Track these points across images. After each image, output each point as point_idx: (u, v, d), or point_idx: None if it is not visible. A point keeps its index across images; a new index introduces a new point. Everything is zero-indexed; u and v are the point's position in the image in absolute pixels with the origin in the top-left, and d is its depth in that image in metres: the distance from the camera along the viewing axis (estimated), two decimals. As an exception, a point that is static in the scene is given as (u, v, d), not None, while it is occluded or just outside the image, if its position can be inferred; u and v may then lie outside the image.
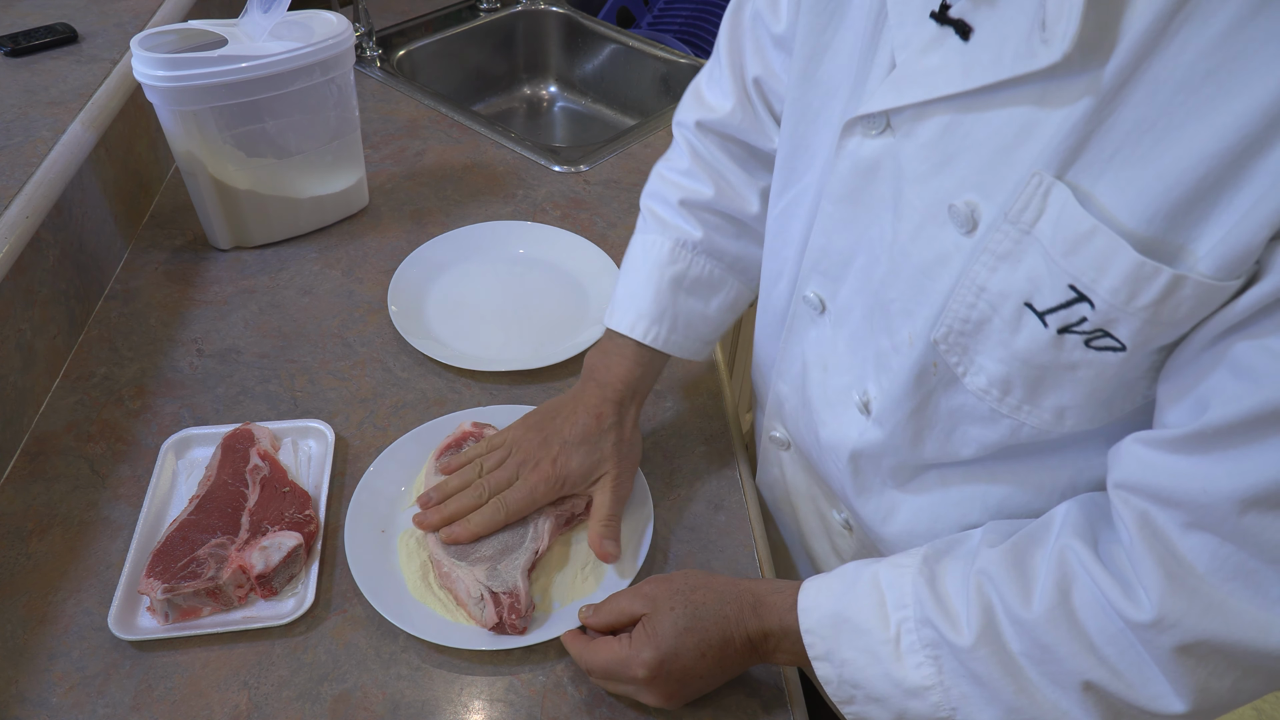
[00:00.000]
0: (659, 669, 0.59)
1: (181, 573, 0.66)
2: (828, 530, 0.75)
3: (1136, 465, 0.48)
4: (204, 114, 0.90)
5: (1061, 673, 0.50)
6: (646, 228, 0.78)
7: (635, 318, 0.74)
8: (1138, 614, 0.47)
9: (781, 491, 0.79)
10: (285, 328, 0.92)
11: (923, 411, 0.58)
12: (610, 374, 0.74)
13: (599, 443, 0.72)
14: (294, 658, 0.66)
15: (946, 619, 0.53)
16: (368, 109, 1.28)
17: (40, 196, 0.82)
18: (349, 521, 0.72)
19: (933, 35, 0.49)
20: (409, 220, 1.08)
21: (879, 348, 0.59)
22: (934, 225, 0.52)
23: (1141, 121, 0.41)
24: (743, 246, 0.77)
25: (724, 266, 0.77)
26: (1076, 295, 0.46)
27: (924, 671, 0.54)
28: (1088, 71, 0.42)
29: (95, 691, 0.63)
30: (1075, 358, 0.48)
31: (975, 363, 0.52)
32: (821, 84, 0.61)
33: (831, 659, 0.57)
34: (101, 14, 1.09)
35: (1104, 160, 0.43)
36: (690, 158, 0.76)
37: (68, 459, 0.78)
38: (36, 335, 0.82)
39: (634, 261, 0.77)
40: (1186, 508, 0.45)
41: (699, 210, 0.75)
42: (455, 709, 0.64)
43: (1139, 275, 0.43)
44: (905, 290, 0.55)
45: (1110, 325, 0.45)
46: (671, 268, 0.75)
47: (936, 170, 0.51)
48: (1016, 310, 0.49)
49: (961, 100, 0.48)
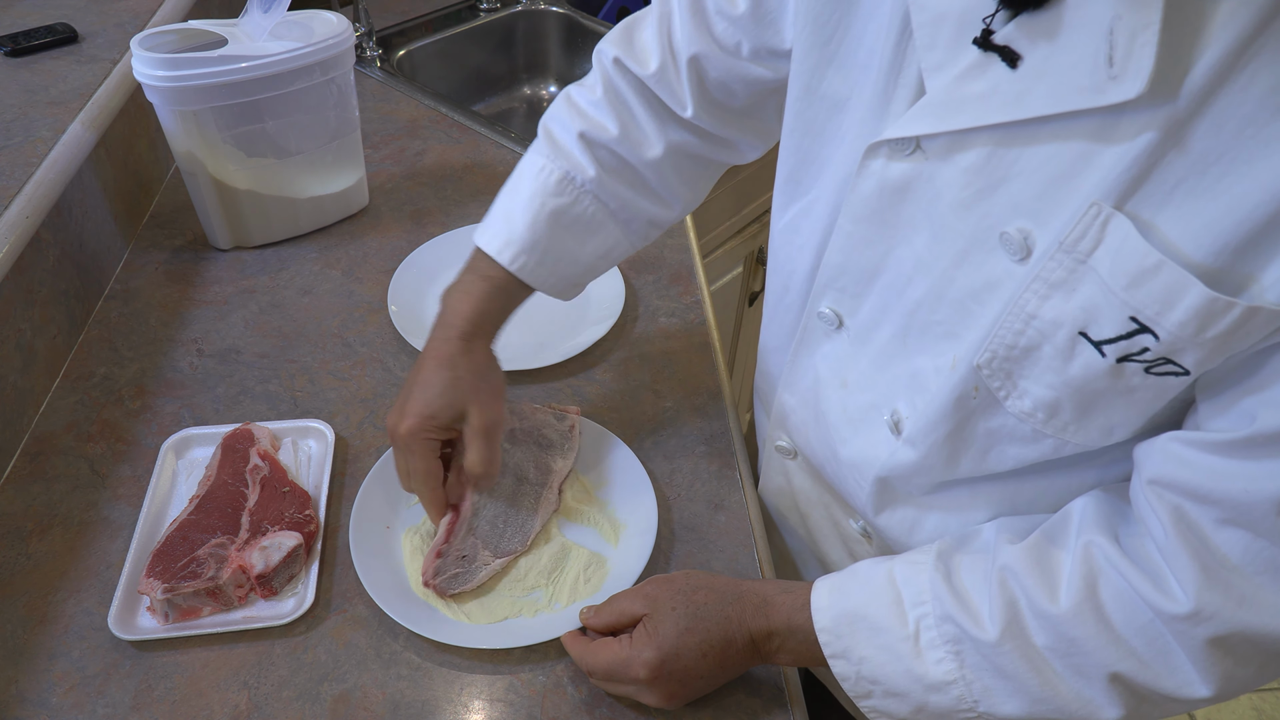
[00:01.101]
0: (660, 669, 0.59)
1: (181, 573, 0.66)
2: (843, 538, 0.75)
3: (1175, 463, 0.48)
4: (204, 114, 0.90)
5: (1089, 665, 0.51)
6: (539, 149, 0.73)
7: (504, 243, 0.71)
8: (1173, 606, 0.48)
9: (788, 499, 0.79)
10: (285, 328, 0.92)
11: (960, 433, 0.57)
12: (457, 312, 0.71)
13: (453, 375, 0.69)
14: (294, 658, 0.66)
15: (968, 614, 0.54)
16: (368, 109, 1.28)
17: (40, 196, 0.82)
18: (354, 516, 0.72)
19: (974, 61, 0.48)
20: (409, 220, 1.08)
21: (916, 368, 0.59)
22: (981, 251, 0.51)
23: (1208, 154, 0.41)
24: (634, 194, 0.74)
25: (608, 211, 0.73)
26: (1139, 327, 0.45)
27: (945, 667, 0.54)
28: (1157, 104, 0.41)
29: (95, 691, 0.63)
30: (1134, 383, 0.48)
31: (1019, 387, 0.52)
32: (827, 98, 0.60)
33: (849, 656, 0.58)
34: (101, 14, 1.09)
35: (1166, 192, 0.43)
36: (603, 90, 0.72)
37: (68, 459, 0.78)
38: (36, 335, 0.82)
39: (518, 182, 0.73)
40: (1223, 505, 0.46)
41: (597, 147, 0.72)
42: (455, 709, 0.64)
43: (1210, 310, 0.42)
44: (950, 314, 0.54)
45: (1175, 355, 0.45)
46: (555, 199, 0.71)
47: (981, 196, 0.50)
48: (1070, 339, 0.48)
49: (1008, 129, 0.47)
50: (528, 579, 0.71)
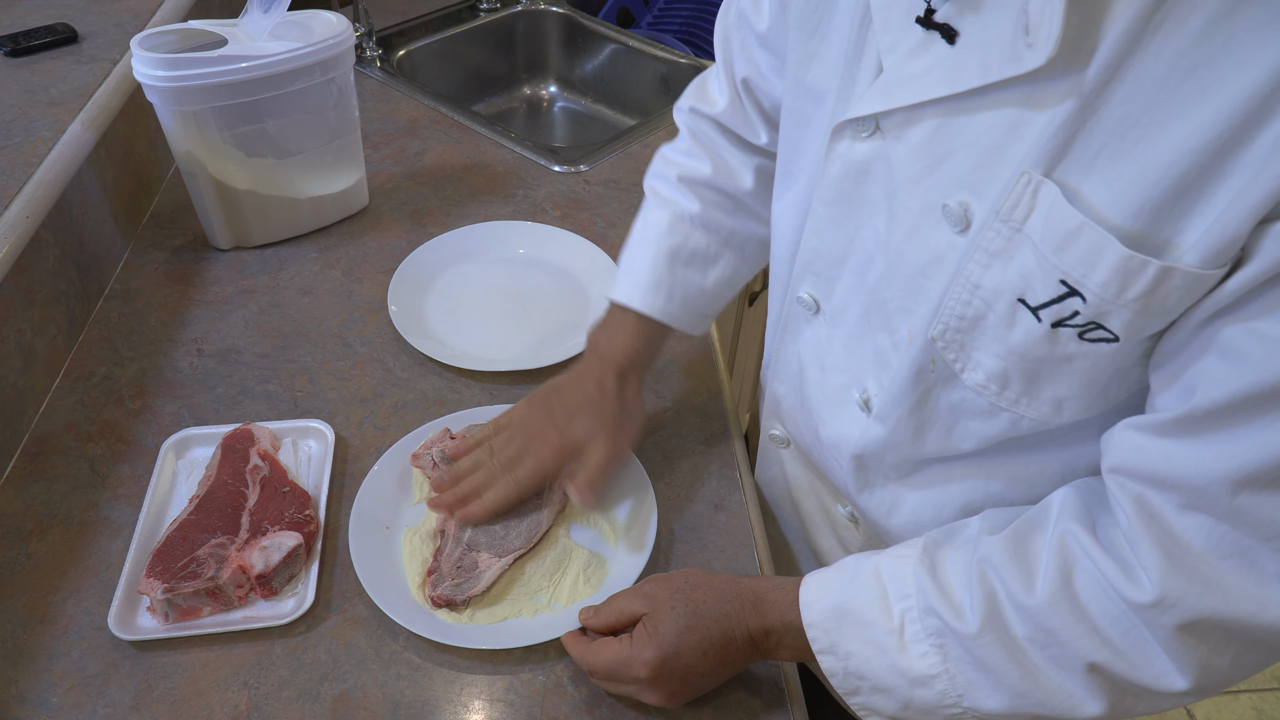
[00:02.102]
0: (661, 668, 0.59)
1: (181, 573, 0.66)
2: (833, 525, 0.75)
3: (1130, 450, 0.49)
4: (204, 114, 0.90)
5: (1066, 656, 0.51)
6: (647, 205, 0.80)
7: (632, 287, 0.76)
8: (1139, 595, 0.48)
9: (783, 488, 0.80)
10: (285, 328, 0.92)
11: (923, 407, 0.58)
12: (611, 346, 0.75)
13: (601, 408, 0.72)
14: (294, 658, 0.66)
15: (950, 607, 0.54)
16: (368, 109, 1.28)
17: (40, 196, 0.82)
18: (353, 517, 0.72)
19: (919, 40, 0.50)
20: (409, 220, 1.08)
21: (878, 346, 0.60)
22: (928, 225, 0.52)
23: (1125, 119, 0.42)
24: (739, 221, 0.78)
25: (720, 240, 0.78)
26: (1068, 290, 0.46)
27: (929, 660, 0.55)
28: (1071, 73, 0.43)
29: (95, 691, 0.63)
30: (1070, 350, 0.49)
31: (972, 359, 0.53)
32: (811, 89, 0.62)
33: (836, 652, 0.58)
34: (101, 14, 1.09)
35: (1090, 158, 0.44)
36: (690, 139, 0.79)
37: (68, 459, 0.78)
38: (36, 335, 0.82)
39: (635, 237, 0.79)
40: (1181, 490, 0.46)
41: (696, 186, 0.77)
42: (455, 709, 0.64)
43: (1128, 269, 0.44)
44: (903, 289, 0.56)
45: (1102, 318, 0.46)
46: (669, 239, 0.76)
47: (928, 171, 0.51)
48: (1010, 306, 0.49)
49: (950, 103, 0.49)
50: (532, 582, 0.71)
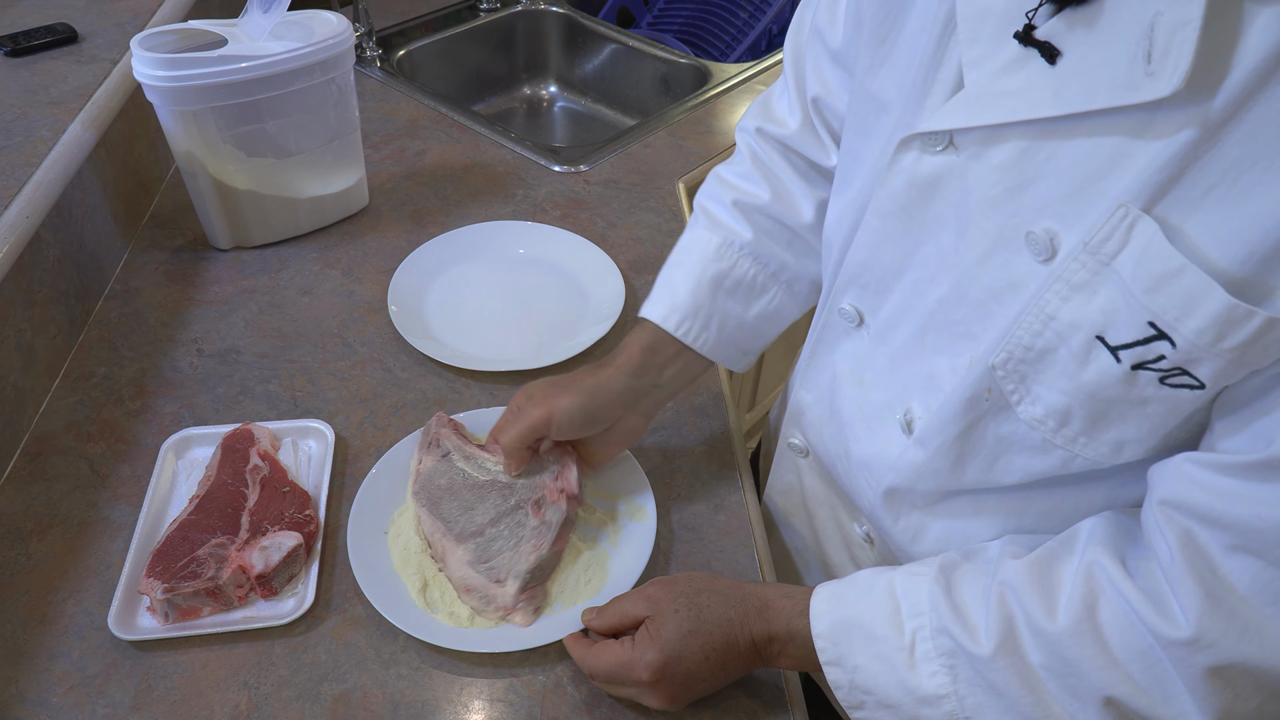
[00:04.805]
0: (663, 671, 0.59)
1: (181, 573, 0.66)
2: (847, 542, 0.74)
3: (1187, 485, 0.47)
4: (204, 114, 0.90)
5: (1083, 687, 0.49)
6: (696, 223, 0.76)
7: (669, 309, 0.72)
8: (1173, 631, 0.46)
9: (797, 497, 0.78)
10: (285, 328, 0.92)
11: (969, 436, 0.57)
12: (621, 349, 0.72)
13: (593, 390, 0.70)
14: (294, 658, 0.65)
15: (964, 628, 0.53)
16: (368, 109, 1.28)
17: (40, 196, 0.82)
18: (352, 518, 0.72)
19: (1013, 56, 0.47)
20: (409, 220, 1.08)
21: (933, 367, 0.58)
22: (1006, 250, 0.50)
23: (1243, 159, 0.40)
24: (793, 255, 0.74)
25: (769, 273, 0.74)
26: (1156, 333, 0.44)
27: (938, 680, 0.54)
28: (1192, 105, 0.41)
29: (95, 691, 0.63)
30: (1148, 394, 0.47)
31: (1033, 391, 0.51)
32: (876, 97, 0.60)
33: (843, 664, 0.57)
34: (101, 14, 1.09)
35: (1196, 196, 0.42)
36: (750, 161, 0.75)
37: (68, 459, 0.78)
38: (36, 335, 0.82)
39: (678, 255, 0.75)
40: (1234, 530, 0.45)
41: (752, 212, 0.73)
42: (455, 709, 0.64)
43: (1230, 318, 0.41)
44: (970, 313, 0.54)
45: (1190, 365, 0.44)
46: (715, 265, 0.72)
47: (1011, 194, 0.49)
48: (1086, 343, 0.47)
49: (1041, 125, 0.47)
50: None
